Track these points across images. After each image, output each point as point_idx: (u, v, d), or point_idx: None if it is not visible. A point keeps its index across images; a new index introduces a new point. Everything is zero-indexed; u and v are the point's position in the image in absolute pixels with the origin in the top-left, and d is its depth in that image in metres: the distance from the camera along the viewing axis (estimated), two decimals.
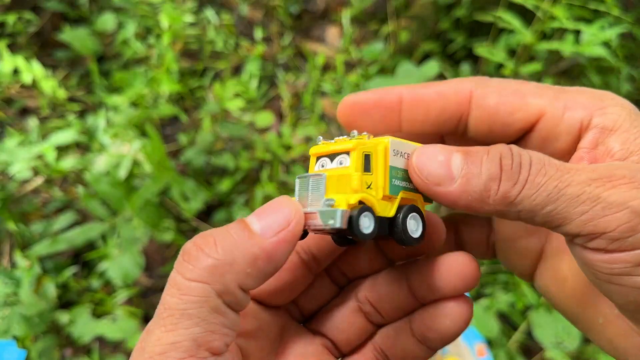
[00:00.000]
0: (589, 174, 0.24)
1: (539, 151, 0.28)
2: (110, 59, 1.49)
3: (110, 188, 1.00)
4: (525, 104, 0.30)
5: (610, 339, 0.30)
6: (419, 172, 0.27)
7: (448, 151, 0.27)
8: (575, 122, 0.29)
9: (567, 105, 0.29)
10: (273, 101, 1.47)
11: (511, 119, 0.30)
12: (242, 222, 0.26)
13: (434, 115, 0.32)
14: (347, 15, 1.62)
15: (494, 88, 0.31)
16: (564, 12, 1.00)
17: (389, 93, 0.32)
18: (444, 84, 0.32)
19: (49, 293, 0.95)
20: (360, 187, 0.28)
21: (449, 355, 0.96)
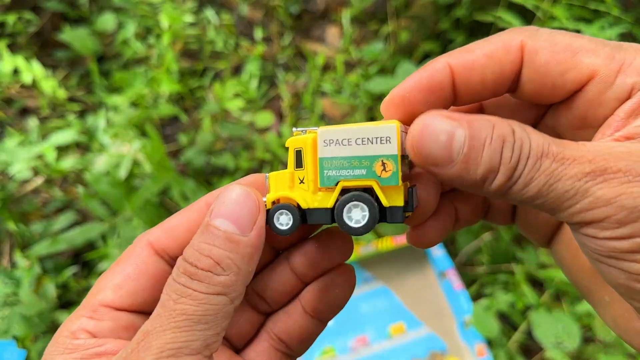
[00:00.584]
0: (583, 167, 0.24)
1: (582, 114, 0.28)
2: (110, 59, 1.49)
3: (110, 188, 1.00)
4: (577, 62, 0.27)
5: (614, 317, 0.30)
6: (418, 152, 0.26)
7: (451, 128, 0.25)
8: (626, 87, 0.27)
9: (622, 67, 0.27)
10: (273, 101, 1.47)
11: (561, 79, 0.28)
12: (218, 230, 0.27)
13: (490, 81, 0.29)
14: (347, 15, 1.62)
15: (545, 42, 0.28)
16: (564, 12, 1.00)
17: (437, 71, 0.29)
18: (492, 43, 0.29)
19: (48, 293, 0.95)
20: (293, 184, 0.29)
21: (449, 355, 0.96)
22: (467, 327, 0.93)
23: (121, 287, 0.29)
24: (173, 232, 0.31)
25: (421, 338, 0.98)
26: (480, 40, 0.29)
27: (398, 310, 1.02)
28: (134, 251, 0.31)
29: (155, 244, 0.31)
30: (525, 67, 0.28)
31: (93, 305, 0.29)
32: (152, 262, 0.30)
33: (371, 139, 0.28)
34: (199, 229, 0.27)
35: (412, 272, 1.06)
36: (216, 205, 0.27)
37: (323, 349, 0.98)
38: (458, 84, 0.29)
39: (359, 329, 1.00)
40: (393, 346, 0.97)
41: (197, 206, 0.32)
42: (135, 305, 0.30)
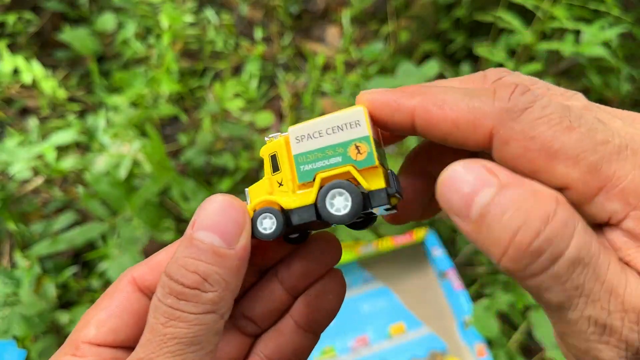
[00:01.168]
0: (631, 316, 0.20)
1: None
2: (110, 59, 1.49)
3: (110, 188, 1.00)
4: (550, 169, 0.23)
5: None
6: (441, 198, 0.22)
7: (481, 182, 0.21)
8: (603, 213, 0.22)
9: (605, 186, 0.22)
10: (273, 101, 1.47)
11: (531, 177, 0.23)
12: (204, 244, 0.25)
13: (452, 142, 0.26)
14: (347, 15, 1.62)
15: (521, 134, 0.23)
16: (564, 12, 1.00)
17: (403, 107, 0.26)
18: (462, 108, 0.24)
19: (49, 293, 0.95)
20: (272, 189, 0.30)
21: (449, 355, 0.96)
22: (467, 327, 0.93)
23: (104, 324, 0.29)
24: (158, 268, 0.30)
25: (421, 338, 0.98)
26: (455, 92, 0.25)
27: (398, 310, 1.02)
28: (117, 287, 0.30)
29: (139, 281, 0.30)
30: (494, 151, 0.24)
31: (75, 342, 0.28)
32: (135, 299, 0.30)
33: (340, 125, 0.28)
34: (181, 242, 0.26)
35: (412, 272, 1.06)
36: (198, 217, 0.26)
37: (323, 349, 0.98)
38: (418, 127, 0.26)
39: (359, 329, 1.00)
40: (393, 346, 0.97)
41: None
42: (117, 341, 0.29)
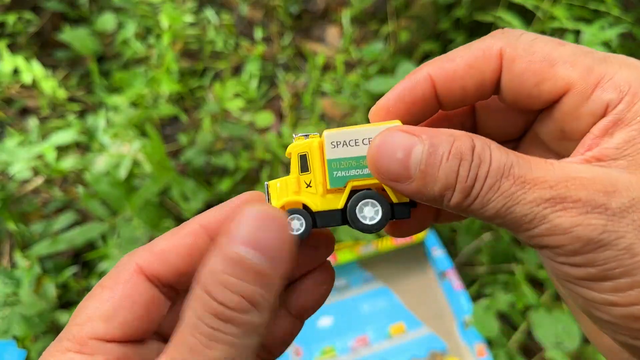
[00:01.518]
0: (543, 193, 0.24)
1: (560, 126, 0.28)
2: (110, 59, 1.49)
3: (110, 188, 1.00)
4: (553, 74, 0.27)
5: (587, 329, 0.31)
6: (375, 168, 0.26)
7: (409, 144, 0.25)
8: (601, 103, 0.26)
9: (600, 81, 0.26)
10: (273, 101, 1.47)
11: (536, 90, 0.27)
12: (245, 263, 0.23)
13: (472, 89, 0.29)
14: (347, 15, 1.62)
15: (523, 51, 0.27)
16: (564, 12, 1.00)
17: (418, 83, 0.29)
18: (472, 50, 0.28)
19: (49, 293, 0.95)
20: (299, 188, 0.29)
21: (449, 355, 0.96)
22: (467, 327, 0.93)
23: (112, 318, 0.26)
24: (165, 257, 0.28)
25: (421, 338, 0.98)
26: (461, 47, 0.29)
27: (398, 310, 1.02)
28: (121, 276, 0.27)
29: (146, 269, 0.28)
30: (503, 75, 0.28)
31: (81, 339, 0.26)
32: (144, 290, 0.27)
33: None
34: (215, 253, 0.24)
35: (412, 272, 1.06)
36: (238, 228, 0.23)
37: (323, 349, 0.98)
38: (440, 93, 0.29)
39: (359, 329, 1.00)
40: (393, 346, 0.97)
41: (191, 229, 0.29)
42: (126, 335, 0.27)
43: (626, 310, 0.24)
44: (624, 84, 0.25)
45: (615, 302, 0.24)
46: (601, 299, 0.24)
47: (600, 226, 0.23)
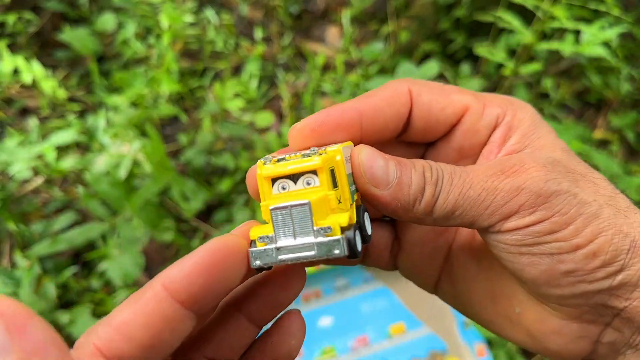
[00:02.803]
0: (485, 172, 0.28)
1: (459, 145, 0.34)
2: (110, 59, 1.49)
3: (110, 188, 1.00)
4: (451, 100, 0.33)
5: (527, 327, 0.32)
6: (366, 174, 0.29)
7: (385, 157, 0.29)
8: (492, 118, 0.33)
9: (485, 103, 0.33)
10: (273, 101, 1.47)
11: (442, 114, 0.33)
12: None
13: (391, 122, 0.33)
14: (347, 15, 1.62)
15: (424, 86, 0.33)
16: (564, 12, 1.00)
17: (346, 112, 0.32)
18: (385, 90, 0.33)
19: (49, 293, 0.95)
20: (337, 206, 0.27)
21: (449, 355, 0.96)
22: (467, 327, 0.93)
23: None
24: (127, 331, 0.23)
25: (421, 338, 0.98)
26: (375, 90, 0.33)
27: (398, 310, 1.02)
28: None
29: (105, 351, 0.23)
30: (414, 107, 0.33)
31: None
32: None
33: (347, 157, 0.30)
34: None
35: None
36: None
37: (323, 349, 0.98)
38: (365, 124, 0.32)
39: (359, 329, 1.00)
40: (393, 346, 0.97)
41: (152, 292, 0.24)
42: None
43: (587, 250, 0.27)
44: (501, 103, 0.33)
45: (579, 244, 0.27)
46: (568, 246, 0.27)
47: (542, 176, 0.28)
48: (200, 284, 0.24)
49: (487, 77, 1.36)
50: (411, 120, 0.33)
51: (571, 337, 0.30)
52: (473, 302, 0.35)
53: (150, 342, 0.24)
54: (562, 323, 0.30)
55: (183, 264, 0.25)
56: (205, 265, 0.24)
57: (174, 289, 0.24)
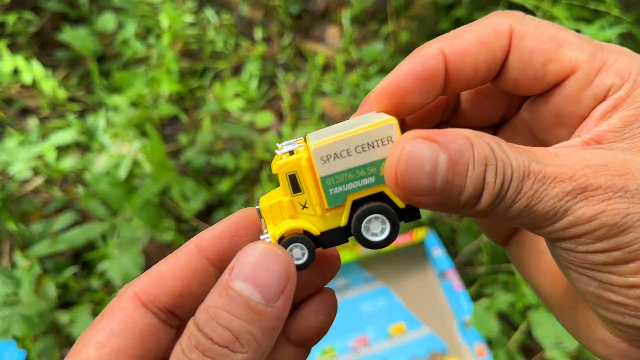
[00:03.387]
0: (564, 186, 0.24)
1: (558, 110, 0.28)
2: (110, 59, 1.49)
3: (110, 188, 1.00)
4: (561, 54, 0.27)
5: (575, 324, 0.30)
6: (403, 185, 0.24)
7: (434, 154, 0.23)
8: (604, 87, 0.26)
9: (603, 66, 0.26)
10: (273, 101, 1.47)
11: (543, 70, 0.27)
12: (240, 297, 0.23)
13: (483, 67, 0.28)
14: (347, 15, 1.62)
15: (532, 29, 0.27)
16: (564, 12, 1.00)
17: (431, 58, 0.27)
18: (481, 27, 0.27)
19: (49, 293, 0.95)
20: (295, 211, 0.26)
21: (449, 355, 0.96)
22: (467, 327, 0.93)
23: (105, 345, 0.26)
24: (161, 280, 0.27)
25: (421, 338, 0.98)
26: (470, 25, 0.28)
27: (398, 310, 1.02)
28: (118, 304, 0.27)
29: (141, 295, 0.27)
30: (511, 53, 0.27)
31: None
32: (138, 316, 0.27)
33: (372, 143, 0.25)
34: (215, 287, 0.24)
35: (412, 272, 1.06)
36: (238, 264, 0.24)
37: (323, 349, 0.98)
38: (451, 70, 0.27)
39: (359, 329, 1.00)
40: (393, 346, 0.97)
41: (186, 249, 0.28)
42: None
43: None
44: (624, 70, 0.26)
45: (634, 283, 0.24)
46: (621, 281, 0.24)
47: (622, 210, 0.23)
48: (226, 245, 0.28)
49: None
50: (505, 66, 0.28)
51: (618, 353, 0.28)
52: (533, 275, 0.33)
53: (180, 291, 0.28)
54: (611, 337, 0.28)
55: (214, 228, 0.29)
56: (232, 229, 0.28)
57: (204, 246, 0.28)
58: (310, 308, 0.30)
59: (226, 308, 0.23)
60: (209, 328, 0.23)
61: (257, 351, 0.23)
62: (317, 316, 0.30)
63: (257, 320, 0.23)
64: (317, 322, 0.30)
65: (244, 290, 0.23)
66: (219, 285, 0.24)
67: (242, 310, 0.23)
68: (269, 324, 0.23)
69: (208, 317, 0.23)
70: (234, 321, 0.23)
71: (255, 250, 0.24)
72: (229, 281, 0.23)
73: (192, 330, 0.23)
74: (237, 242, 0.28)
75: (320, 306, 0.30)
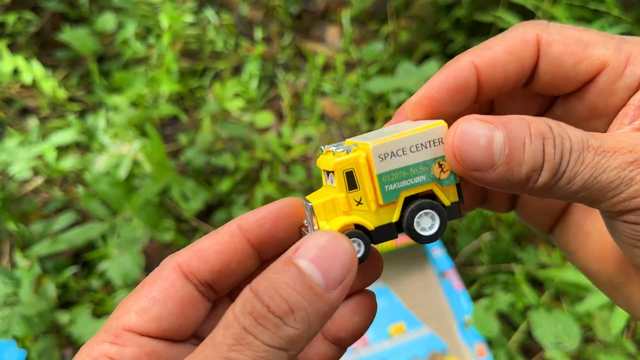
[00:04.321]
0: (625, 157, 0.25)
1: (592, 104, 0.30)
2: (110, 59, 1.49)
3: (110, 188, 1.00)
4: (588, 54, 0.29)
5: (628, 297, 0.31)
6: (461, 159, 0.26)
7: (489, 131, 0.25)
8: (635, 77, 0.28)
9: (630, 58, 0.28)
10: (273, 101, 1.48)
11: (574, 71, 0.29)
12: (303, 275, 0.23)
13: (512, 76, 0.30)
14: (347, 15, 1.62)
15: (558, 35, 0.29)
16: (564, 12, 1.00)
17: (463, 70, 0.29)
18: (509, 38, 0.29)
19: (49, 293, 0.95)
20: (349, 208, 0.28)
21: (449, 355, 0.96)
22: (467, 327, 0.94)
23: (146, 311, 0.27)
24: (202, 255, 0.29)
25: (421, 338, 0.98)
26: (497, 36, 0.30)
27: (398, 310, 1.02)
28: (160, 273, 0.29)
29: (184, 267, 0.29)
30: (541, 60, 0.29)
31: (116, 330, 0.27)
32: (179, 286, 0.28)
33: (424, 143, 0.27)
34: (278, 261, 0.24)
35: (412, 272, 1.06)
36: (306, 244, 0.24)
37: None
38: (482, 81, 0.29)
39: None
40: (393, 346, 0.97)
41: (229, 228, 0.30)
42: (160, 331, 0.28)
43: None
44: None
45: None
46: None
47: None
48: (268, 229, 0.30)
49: None
50: (537, 73, 0.30)
51: None
52: (579, 256, 0.34)
53: (219, 268, 0.29)
54: None
55: (257, 211, 0.30)
56: (274, 215, 0.30)
57: (246, 228, 0.30)
58: (349, 307, 0.31)
59: (288, 281, 0.23)
60: (268, 295, 0.23)
61: (306, 331, 0.23)
62: (354, 316, 0.31)
63: (315, 301, 0.23)
64: (354, 323, 0.31)
65: (307, 269, 0.23)
66: (283, 259, 0.24)
67: (303, 288, 0.23)
68: (323, 308, 0.24)
69: (268, 285, 0.23)
70: (294, 295, 0.23)
71: (325, 236, 0.25)
72: (293, 258, 0.24)
73: (249, 296, 0.23)
74: (278, 229, 0.30)
75: (359, 307, 0.31)
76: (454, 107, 0.30)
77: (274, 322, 0.23)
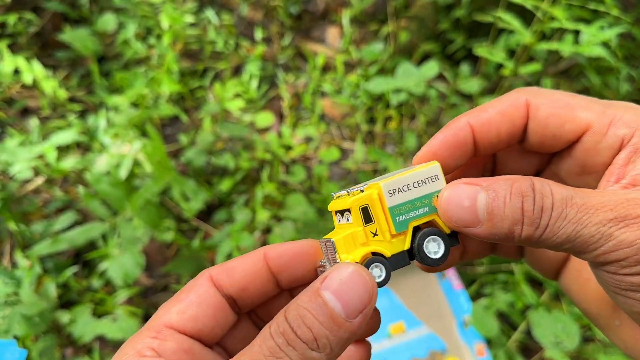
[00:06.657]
0: (606, 214, 0.27)
1: (581, 162, 0.33)
2: (111, 59, 1.50)
3: (111, 188, 1.00)
4: (574, 116, 0.32)
5: (624, 339, 0.34)
6: (449, 219, 0.30)
7: (473, 193, 0.29)
8: (617, 138, 0.31)
9: (612, 121, 0.31)
10: (273, 101, 1.48)
11: (560, 131, 0.32)
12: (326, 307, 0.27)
13: (505, 135, 0.33)
14: (347, 15, 1.62)
15: (546, 99, 0.33)
16: (564, 12, 1.00)
17: (460, 130, 0.33)
18: (503, 102, 0.33)
19: (49, 293, 0.95)
20: (367, 239, 0.32)
21: (449, 354, 0.96)
22: (467, 326, 0.94)
23: (184, 312, 0.31)
24: (232, 272, 0.33)
25: (421, 338, 0.98)
26: (492, 101, 0.34)
27: (398, 310, 1.02)
28: (196, 282, 0.33)
29: (215, 279, 0.33)
30: (530, 121, 0.33)
31: (157, 327, 0.31)
32: (212, 293, 0.33)
33: (424, 180, 0.32)
34: (307, 290, 0.28)
35: (412, 272, 1.06)
36: (330, 277, 0.28)
37: None
38: (478, 139, 0.33)
39: None
40: (393, 346, 0.98)
41: (256, 256, 0.34)
42: (195, 330, 0.31)
43: None
44: (632, 122, 0.31)
45: None
46: None
47: None
48: (287, 260, 0.34)
49: (487, 77, 1.36)
50: (527, 132, 0.34)
51: None
52: (580, 300, 0.37)
53: (243, 286, 0.33)
54: None
55: (283, 245, 0.34)
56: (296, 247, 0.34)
57: (271, 256, 0.34)
58: (345, 353, 0.34)
59: (312, 312, 0.27)
60: (295, 324, 0.27)
61: (329, 355, 0.27)
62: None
63: (335, 330, 0.27)
64: None
65: (330, 301, 0.27)
66: (311, 289, 0.28)
67: (325, 318, 0.27)
68: (344, 335, 0.27)
69: (296, 315, 0.27)
70: (316, 325, 0.26)
71: (347, 270, 0.28)
72: (320, 289, 0.27)
73: (281, 320, 0.27)
74: (296, 262, 0.34)
75: (353, 354, 0.34)
76: (455, 161, 0.34)
77: (301, 346, 0.26)
